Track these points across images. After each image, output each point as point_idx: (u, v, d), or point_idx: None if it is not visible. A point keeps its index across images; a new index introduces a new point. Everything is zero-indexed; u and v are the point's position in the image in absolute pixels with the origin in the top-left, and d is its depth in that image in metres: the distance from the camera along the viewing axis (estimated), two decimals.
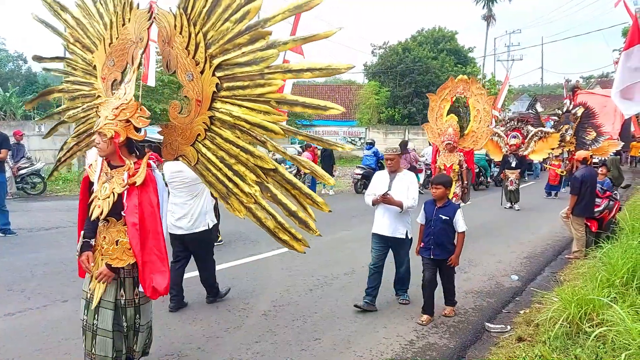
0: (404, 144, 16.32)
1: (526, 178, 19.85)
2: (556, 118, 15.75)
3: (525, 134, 14.02)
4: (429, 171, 17.93)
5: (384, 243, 5.45)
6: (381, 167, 17.07)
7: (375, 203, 5.42)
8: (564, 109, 15.53)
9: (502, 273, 6.99)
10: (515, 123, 14.49)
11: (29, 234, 8.97)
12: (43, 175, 14.67)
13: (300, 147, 24.05)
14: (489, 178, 19.17)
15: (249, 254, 7.61)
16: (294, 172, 19.10)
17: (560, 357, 3.87)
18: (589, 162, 8.25)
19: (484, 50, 42.23)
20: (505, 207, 13.49)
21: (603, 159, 16.12)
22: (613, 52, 35.04)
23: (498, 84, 36.10)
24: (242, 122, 2.93)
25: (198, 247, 5.34)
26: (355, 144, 33.86)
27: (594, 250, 7.61)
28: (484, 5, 43.09)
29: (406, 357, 4.31)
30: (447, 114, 9.87)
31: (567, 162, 15.78)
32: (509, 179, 13.60)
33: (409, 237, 5.50)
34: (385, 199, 5.26)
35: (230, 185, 3.10)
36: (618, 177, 13.77)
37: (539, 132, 13.99)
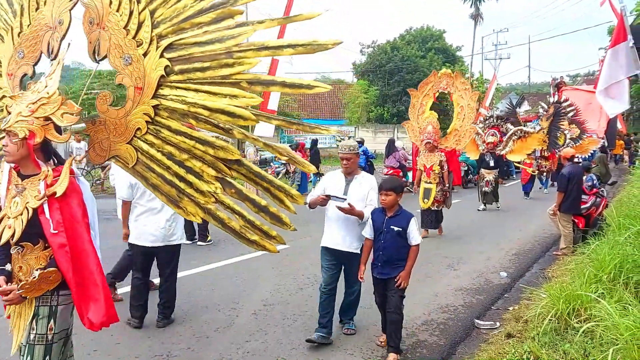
0: (391, 142, 16.36)
1: (514, 176, 19.93)
2: (543, 112, 14.62)
3: (504, 132, 13.30)
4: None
5: (337, 259, 4.56)
6: (371, 166, 17.11)
7: (314, 204, 4.48)
8: (551, 101, 14.60)
9: (491, 270, 7.03)
10: (495, 120, 13.86)
11: None
12: None
13: (290, 145, 24.02)
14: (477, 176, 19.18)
15: (238, 253, 7.58)
16: (284, 171, 19.12)
17: (549, 352, 3.90)
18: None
19: (472, 49, 42.52)
20: (478, 209, 12.57)
21: (586, 156, 16.20)
22: (599, 50, 35.46)
23: (486, 82, 36.37)
24: (199, 109, 2.46)
25: (170, 260, 4.90)
26: None
27: (582, 246, 7.70)
28: (472, 4, 43.34)
29: None
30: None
31: (539, 161, 15.20)
32: (485, 179, 12.70)
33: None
34: (345, 209, 4.31)
35: (182, 185, 2.62)
36: (605, 174, 13.88)
37: (519, 132, 13.06)
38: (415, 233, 4.17)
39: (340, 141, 34.23)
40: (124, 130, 2.61)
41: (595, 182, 8.59)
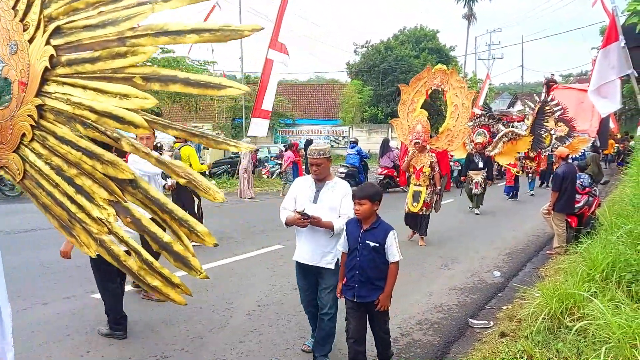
0: (386, 142, 16.39)
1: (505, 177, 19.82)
2: (529, 111, 14.21)
3: (494, 132, 12.78)
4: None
5: (309, 276, 4.06)
6: (365, 166, 17.14)
7: (291, 224, 3.92)
8: (538, 100, 14.07)
9: (485, 269, 7.06)
10: (485, 119, 13.18)
11: (7, 237, 8.80)
12: None
13: (283, 146, 24.00)
14: None
15: (233, 254, 7.57)
16: (279, 171, 19.10)
17: (543, 351, 3.92)
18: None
19: (465, 49, 42.63)
20: (469, 207, 12.35)
21: (576, 155, 16.21)
22: (591, 50, 35.67)
23: (479, 82, 36.52)
24: (85, 111, 1.93)
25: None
26: (338, 143, 33.96)
27: (575, 245, 7.74)
28: (465, 4, 43.44)
29: None
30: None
31: (524, 161, 15.03)
32: (474, 181, 12.02)
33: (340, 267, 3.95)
34: (306, 222, 3.80)
35: (73, 208, 2.07)
36: (597, 173, 13.94)
37: (510, 134, 12.60)
38: (393, 249, 3.57)
39: (334, 141, 34.41)
40: (10, 136, 2.09)
41: (587, 181, 8.64)
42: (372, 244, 3.57)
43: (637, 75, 4.92)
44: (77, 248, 2.16)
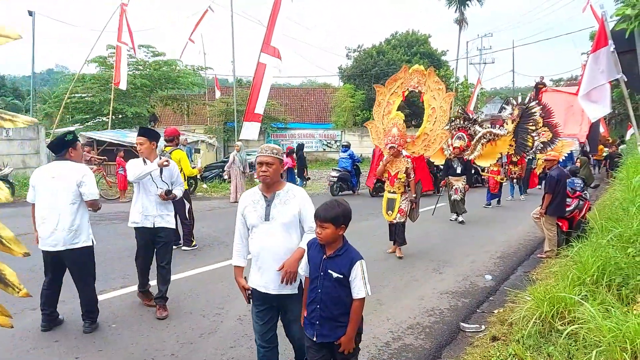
0: None
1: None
2: (508, 115, 12.93)
3: (472, 134, 12.08)
4: None
5: (269, 304, 3.38)
6: (357, 170, 17.14)
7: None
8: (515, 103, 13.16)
9: (476, 273, 7.06)
10: (462, 122, 12.39)
11: None
12: (11, 181, 14.31)
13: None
14: None
15: (223, 258, 7.52)
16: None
17: (534, 355, 3.92)
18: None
19: (457, 54, 42.78)
20: (450, 219, 11.49)
21: (561, 159, 16.13)
22: (581, 55, 36.00)
23: (471, 86, 36.71)
24: None
25: (79, 264, 4.74)
26: (330, 147, 33.98)
27: (565, 249, 7.76)
28: (456, 9, 43.61)
29: (382, 359, 4.31)
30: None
31: (508, 166, 14.63)
32: (454, 187, 11.40)
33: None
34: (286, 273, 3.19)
35: None
36: (588, 177, 14.00)
37: (488, 134, 11.93)
38: (359, 282, 2.87)
39: (326, 145, 34.42)
40: None
41: (579, 185, 8.68)
42: (335, 274, 2.90)
43: (626, 79, 4.95)
44: None
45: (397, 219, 7.82)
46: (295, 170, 17.19)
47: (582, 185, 8.82)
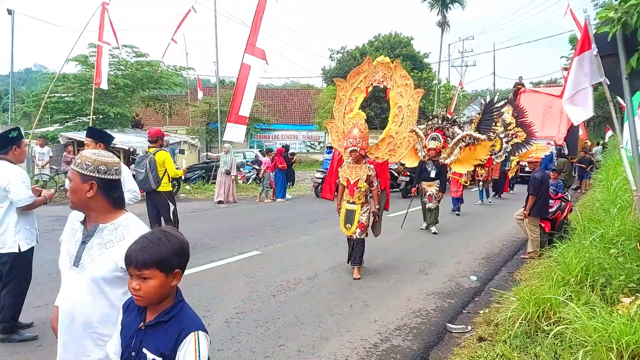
0: None
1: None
2: (475, 115, 13.15)
3: (449, 136, 11.07)
4: (389, 174, 18.08)
5: None
6: None
7: None
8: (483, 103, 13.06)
9: (462, 274, 7.11)
10: (440, 122, 11.29)
11: None
12: None
13: (260, 151, 23.91)
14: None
15: (208, 260, 7.47)
16: (254, 175, 18.99)
17: (521, 355, 3.96)
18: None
19: (439, 56, 43.14)
20: (421, 228, 10.47)
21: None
22: (560, 58, 36.57)
23: (453, 89, 37.05)
24: None
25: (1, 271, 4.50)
26: (314, 148, 34.00)
27: (548, 250, 7.88)
28: (439, 12, 44.02)
29: None
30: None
31: (474, 169, 13.36)
32: (427, 194, 10.17)
33: None
34: None
35: None
36: (569, 179, 14.19)
37: (467, 138, 10.84)
38: None
39: (310, 146, 34.40)
40: None
41: (560, 187, 8.82)
42: (151, 355, 1.78)
43: (609, 83, 5.04)
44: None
45: (356, 235, 6.75)
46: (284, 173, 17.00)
47: (562, 186, 8.97)
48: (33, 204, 4.50)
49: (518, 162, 15.67)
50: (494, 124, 11.97)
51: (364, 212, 6.74)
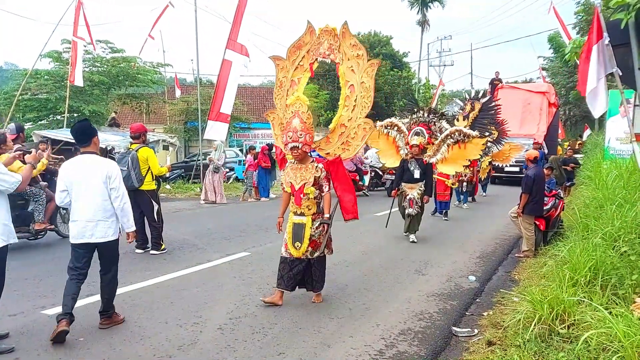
0: None
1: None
2: (459, 110, 12.39)
3: (435, 131, 9.93)
4: (374, 172, 17.84)
5: None
6: None
7: None
8: (468, 98, 12.14)
9: (459, 274, 6.90)
10: (426, 115, 10.16)
11: None
12: None
13: (240, 149, 23.47)
14: None
15: (196, 262, 7.11)
16: (234, 175, 18.60)
17: None
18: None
19: (419, 55, 43.24)
20: (404, 233, 9.29)
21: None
22: (538, 58, 36.93)
23: (433, 88, 37.17)
24: None
25: None
26: None
27: (543, 248, 7.75)
28: (418, 11, 44.11)
29: None
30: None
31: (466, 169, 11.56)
32: (408, 197, 8.89)
33: None
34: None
35: None
36: (559, 176, 14.11)
37: (457, 134, 9.43)
38: None
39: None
40: None
41: (553, 184, 8.72)
42: None
43: (620, 74, 4.86)
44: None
45: (308, 255, 5.37)
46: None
47: (554, 184, 8.87)
48: (23, 180, 4.20)
49: (490, 163, 15.24)
50: (490, 125, 11.37)
51: (316, 227, 5.32)
